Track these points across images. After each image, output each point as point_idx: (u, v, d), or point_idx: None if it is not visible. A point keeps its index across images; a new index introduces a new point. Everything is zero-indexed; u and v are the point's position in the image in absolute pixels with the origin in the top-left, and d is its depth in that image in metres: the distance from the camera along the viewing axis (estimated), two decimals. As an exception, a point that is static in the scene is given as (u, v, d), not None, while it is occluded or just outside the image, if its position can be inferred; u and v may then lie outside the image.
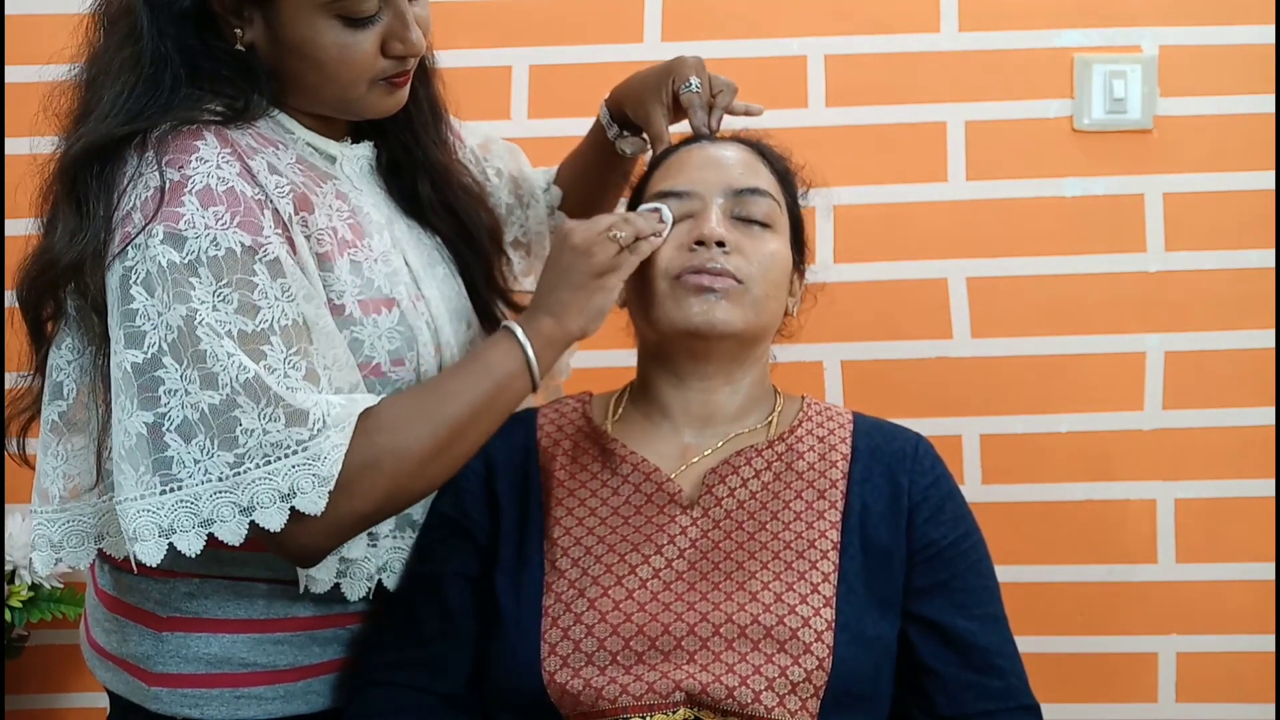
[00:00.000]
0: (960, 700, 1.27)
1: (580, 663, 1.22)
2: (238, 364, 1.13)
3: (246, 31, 1.22)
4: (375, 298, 1.27)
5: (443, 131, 1.41)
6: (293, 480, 1.14)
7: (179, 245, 1.14)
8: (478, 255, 1.43)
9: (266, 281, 1.16)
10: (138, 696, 1.31)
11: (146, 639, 1.30)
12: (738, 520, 1.30)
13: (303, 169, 1.27)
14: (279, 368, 1.15)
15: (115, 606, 1.33)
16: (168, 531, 1.14)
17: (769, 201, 1.36)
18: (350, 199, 1.30)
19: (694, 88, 1.43)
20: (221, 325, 1.13)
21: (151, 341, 1.13)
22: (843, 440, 1.36)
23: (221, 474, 1.13)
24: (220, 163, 1.18)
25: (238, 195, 1.17)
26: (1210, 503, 1.94)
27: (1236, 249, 1.93)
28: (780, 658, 1.21)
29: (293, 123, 1.29)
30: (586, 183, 1.59)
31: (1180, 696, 1.95)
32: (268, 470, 1.13)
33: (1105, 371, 1.95)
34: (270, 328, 1.15)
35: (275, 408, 1.13)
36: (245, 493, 1.13)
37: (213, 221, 1.15)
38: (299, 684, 1.31)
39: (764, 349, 1.39)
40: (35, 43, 1.94)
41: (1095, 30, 1.93)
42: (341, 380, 1.22)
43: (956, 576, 1.30)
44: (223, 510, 1.13)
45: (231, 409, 1.13)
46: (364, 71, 1.24)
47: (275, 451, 1.13)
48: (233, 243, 1.15)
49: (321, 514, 1.15)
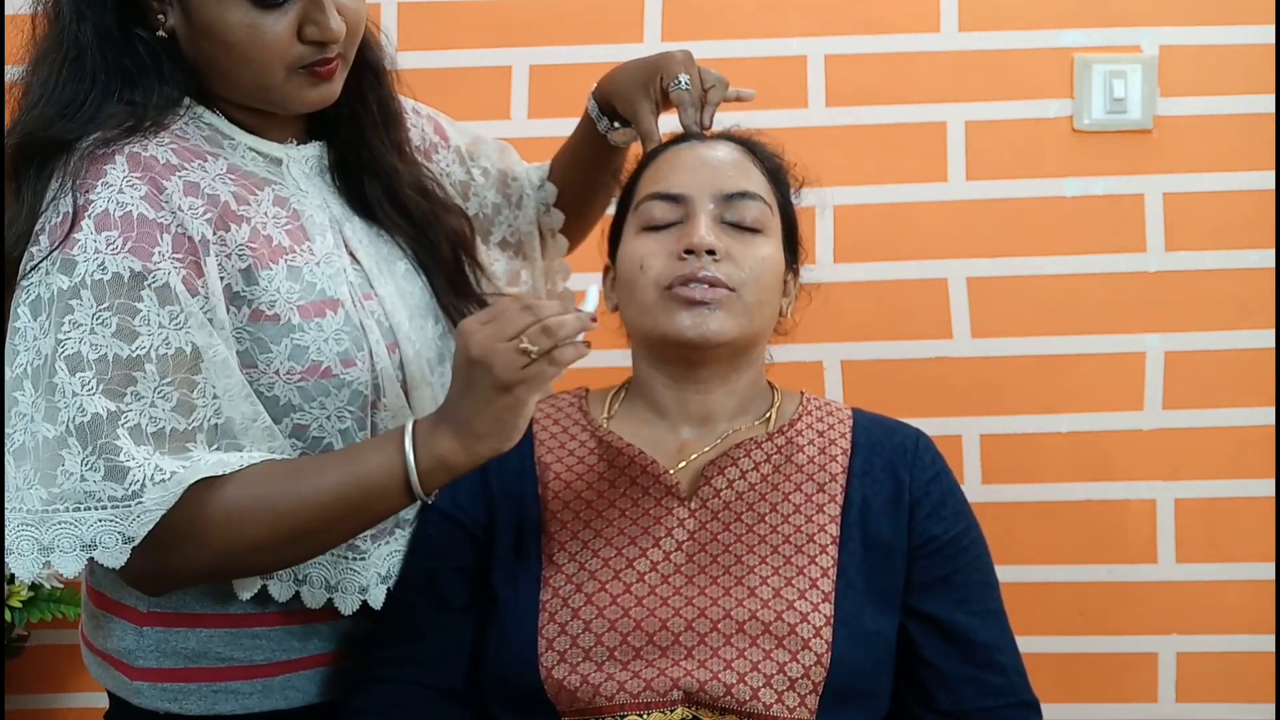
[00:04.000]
0: (960, 695, 1.27)
1: (578, 658, 1.21)
2: (79, 404, 1.11)
3: (169, 17, 1.21)
4: (317, 300, 1.25)
5: (395, 134, 1.39)
6: (96, 533, 1.11)
7: (69, 270, 1.13)
8: (435, 260, 1.39)
9: (152, 308, 1.14)
10: (123, 691, 1.31)
11: (129, 634, 1.29)
12: (736, 513, 1.30)
13: (234, 178, 1.25)
14: (147, 396, 1.13)
15: (100, 602, 1.33)
16: (9, 550, 1.14)
17: (759, 205, 1.35)
18: (292, 203, 1.28)
19: (684, 85, 1.41)
20: (94, 350, 1.12)
21: (19, 363, 1.14)
22: (842, 435, 1.36)
23: (32, 507, 1.12)
24: (124, 186, 1.17)
25: (134, 220, 1.16)
26: (1210, 503, 1.94)
27: (1236, 249, 1.93)
28: (778, 653, 1.21)
29: (232, 127, 1.27)
30: (578, 177, 1.58)
31: (1180, 696, 1.95)
32: (75, 517, 1.12)
33: (1105, 371, 1.95)
34: (146, 355, 1.14)
35: (99, 457, 1.11)
36: (48, 532, 1.12)
37: (103, 246, 1.14)
38: (277, 679, 1.30)
39: (759, 351, 1.39)
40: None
41: (1095, 30, 1.93)
42: (233, 410, 1.19)
43: (957, 572, 1.30)
44: (22, 544, 1.12)
45: (60, 447, 1.12)
46: (278, 56, 1.20)
47: (86, 501, 1.12)
48: (120, 267, 1.14)
49: (127, 567, 1.13)
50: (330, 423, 1.26)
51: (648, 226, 1.35)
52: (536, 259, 1.61)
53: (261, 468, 1.17)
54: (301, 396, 1.24)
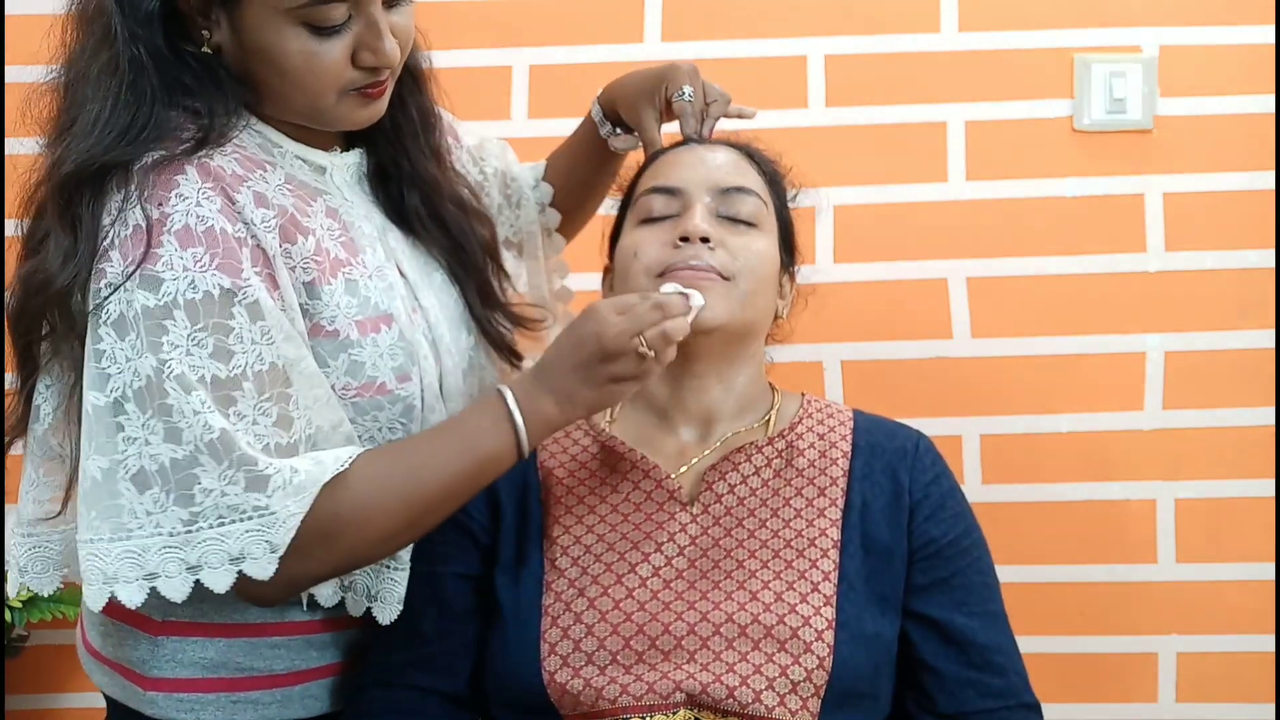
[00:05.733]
0: (960, 698, 1.27)
1: (580, 662, 1.22)
2: (203, 422, 1.10)
3: (214, 34, 1.19)
4: (372, 316, 1.24)
5: (434, 140, 1.38)
6: (244, 544, 1.11)
7: (155, 288, 1.11)
8: (469, 271, 1.39)
9: (244, 325, 1.13)
10: (133, 701, 1.30)
11: (142, 643, 1.28)
12: (738, 517, 1.30)
13: (292, 189, 1.24)
14: (249, 414, 1.13)
15: (110, 609, 1.27)
16: (110, 579, 1.12)
17: (755, 200, 1.36)
18: (341, 214, 1.27)
19: (687, 96, 1.42)
20: (194, 371, 1.11)
21: (115, 386, 1.11)
22: (843, 437, 1.36)
23: (173, 529, 1.11)
24: (200, 199, 1.14)
25: (217, 235, 1.14)
26: (1210, 503, 1.94)
27: (1236, 249, 1.93)
28: (781, 657, 1.21)
29: (279, 135, 1.26)
30: (576, 178, 1.58)
31: (1180, 696, 1.95)
32: (220, 532, 1.11)
33: (1105, 371, 1.95)
34: (243, 373, 1.13)
35: (237, 470, 1.10)
36: (194, 551, 1.11)
37: (191, 263, 1.12)
38: (296, 688, 1.30)
39: (756, 348, 1.39)
40: (35, 43, 1.95)
41: (1095, 30, 1.93)
42: (323, 419, 1.19)
43: (957, 574, 1.30)
44: (169, 565, 1.11)
45: (192, 466, 1.10)
46: (332, 81, 1.20)
47: (231, 514, 1.11)
48: (210, 285, 1.12)
49: (270, 579, 1.13)
50: (381, 434, 1.27)
51: (645, 219, 1.36)
52: (539, 257, 1.61)
53: (373, 457, 1.19)
54: (355, 410, 1.24)
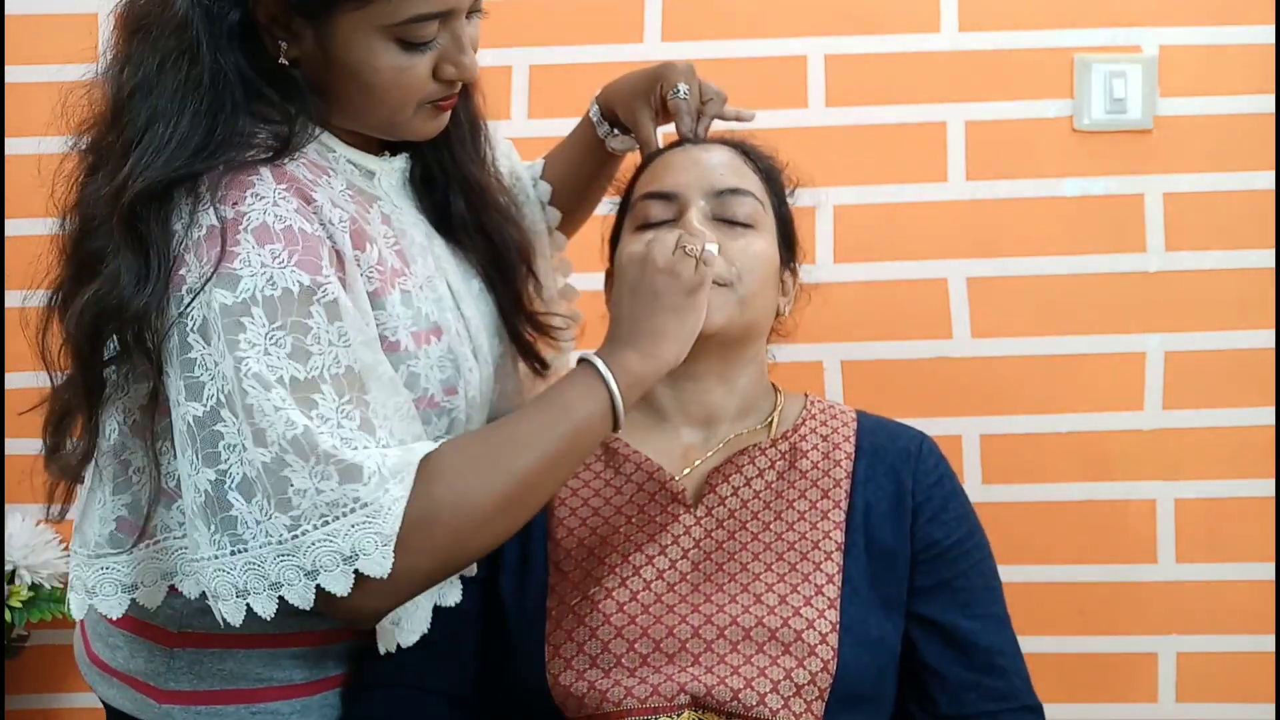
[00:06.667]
0: (962, 700, 1.27)
1: (584, 665, 1.22)
2: (285, 419, 1.05)
3: (292, 46, 1.15)
4: (425, 328, 1.22)
5: (480, 146, 1.37)
6: (353, 540, 1.06)
7: (233, 286, 1.07)
8: (506, 278, 1.37)
9: (322, 325, 1.09)
10: (147, 714, 1.28)
11: (157, 655, 1.26)
12: (741, 520, 1.30)
13: (352, 195, 1.21)
14: (332, 417, 1.08)
15: (122, 622, 1.28)
16: (243, 592, 1.08)
17: (752, 201, 1.35)
18: (394, 221, 1.25)
19: (682, 94, 1.42)
20: (272, 371, 1.06)
21: (210, 393, 1.07)
22: (846, 439, 1.36)
23: (281, 537, 1.06)
24: (276, 199, 1.11)
25: (295, 233, 1.10)
26: (1210, 503, 1.94)
27: (1236, 249, 1.93)
28: (785, 660, 1.21)
29: (334, 140, 1.23)
30: (575, 178, 1.57)
31: (1180, 696, 1.95)
32: (326, 532, 1.06)
33: (1105, 371, 1.95)
34: (321, 375, 1.08)
35: (326, 465, 1.05)
36: (307, 556, 1.06)
37: (269, 259, 1.08)
38: (315, 697, 1.28)
39: (758, 348, 1.39)
40: (35, 43, 1.95)
41: (1095, 30, 1.93)
42: (404, 432, 1.14)
43: (959, 576, 1.30)
44: (288, 573, 1.07)
45: (281, 468, 1.05)
46: (414, 95, 1.18)
47: (332, 511, 1.06)
48: (290, 282, 1.08)
49: (388, 575, 1.07)
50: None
51: (642, 225, 1.35)
52: (546, 255, 1.60)
53: (464, 438, 1.15)
54: None
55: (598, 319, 1.40)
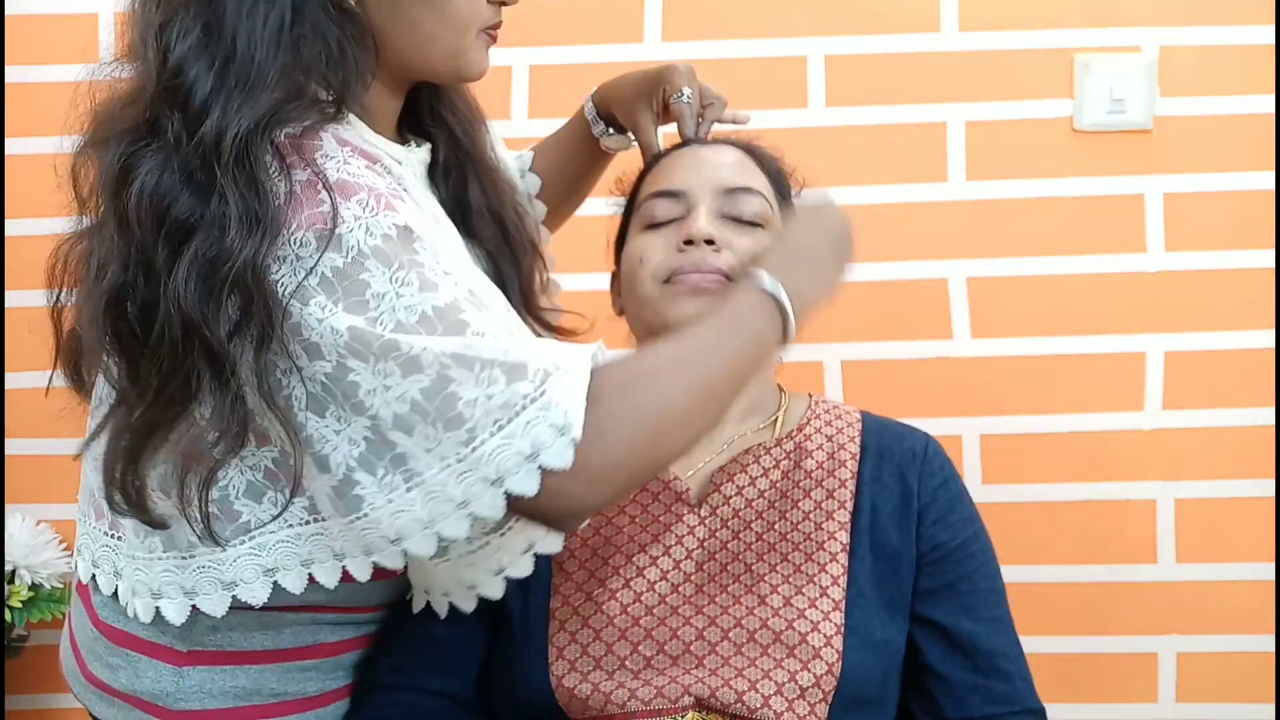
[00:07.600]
0: (965, 703, 1.26)
1: (588, 667, 1.21)
2: (439, 346, 1.03)
3: None
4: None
5: (483, 134, 1.36)
6: (531, 436, 1.02)
7: (336, 246, 1.05)
8: (516, 269, 1.36)
9: (429, 257, 1.07)
10: None
11: (165, 675, 1.23)
12: (745, 520, 1.30)
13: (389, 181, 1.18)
14: (484, 330, 1.05)
15: (125, 641, 1.25)
16: (428, 523, 1.05)
17: (760, 200, 1.35)
18: (425, 209, 1.22)
19: (685, 98, 1.42)
20: (410, 314, 1.04)
21: (329, 348, 1.04)
22: (851, 440, 1.36)
23: (459, 454, 1.03)
24: (345, 158, 1.10)
25: (370, 185, 1.09)
26: (1210, 503, 1.95)
27: (1236, 249, 1.94)
28: (790, 662, 1.20)
29: (361, 126, 1.20)
30: (565, 174, 1.57)
31: (1180, 696, 1.95)
32: (503, 436, 1.03)
33: (1105, 371, 1.95)
34: (454, 301, 1.06)
35: (491, 369, 1.03)
36: (490, 464, 1.03)
37: (360, 211, 1.06)
38: (329, 708, 1.28)
39: (763, 348, 1.39)
40: (35, 43, 1.95)
41: (1095, 30, 1.94)
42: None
43: (964, 579, 1.30)
44: (473, 488, 1.04)
45: (445, 385, 1.03)
46: (477, 16, 1.18)
47: (505, 414, 1.03)
48: (386, 226, 1.06)
49: (571, 466, 1.03)
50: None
51: (650, 224, 1.35)
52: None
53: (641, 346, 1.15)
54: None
55: (604, 319, 1.40)
